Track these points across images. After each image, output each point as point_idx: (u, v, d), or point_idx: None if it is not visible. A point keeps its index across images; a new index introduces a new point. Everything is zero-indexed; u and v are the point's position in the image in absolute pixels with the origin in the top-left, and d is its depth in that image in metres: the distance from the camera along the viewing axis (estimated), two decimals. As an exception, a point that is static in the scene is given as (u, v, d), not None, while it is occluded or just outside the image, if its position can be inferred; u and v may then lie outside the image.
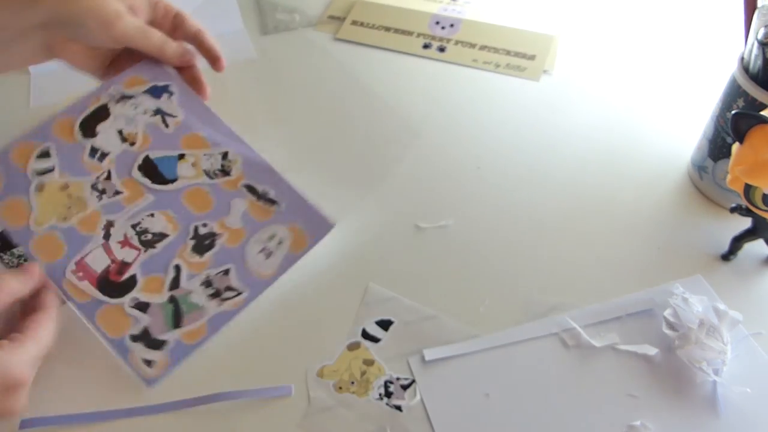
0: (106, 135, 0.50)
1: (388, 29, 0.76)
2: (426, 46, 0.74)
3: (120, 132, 0.50)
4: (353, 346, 0.46)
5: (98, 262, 0.46)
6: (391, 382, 0.44)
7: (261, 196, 0.49)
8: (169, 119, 0.51)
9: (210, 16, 0.63)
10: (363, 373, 0.44)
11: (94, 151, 0.49)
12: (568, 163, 0.59)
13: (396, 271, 0.50)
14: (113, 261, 0.46)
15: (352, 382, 0.44)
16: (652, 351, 0.44)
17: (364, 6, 0.79)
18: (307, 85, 0.69)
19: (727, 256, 0.50)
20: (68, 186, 0.48)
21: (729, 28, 0.60)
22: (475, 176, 0.58)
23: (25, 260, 0.49)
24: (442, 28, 0.75)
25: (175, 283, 0.46)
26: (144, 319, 0.44)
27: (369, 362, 0.45)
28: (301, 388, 0.44)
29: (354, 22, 0.77)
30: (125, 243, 0.46)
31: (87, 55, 0.52)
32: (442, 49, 0.73)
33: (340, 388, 0.44)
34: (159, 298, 0.45)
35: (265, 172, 0.50)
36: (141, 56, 0.52)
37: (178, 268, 0.46)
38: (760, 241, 0.49)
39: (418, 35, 0.75)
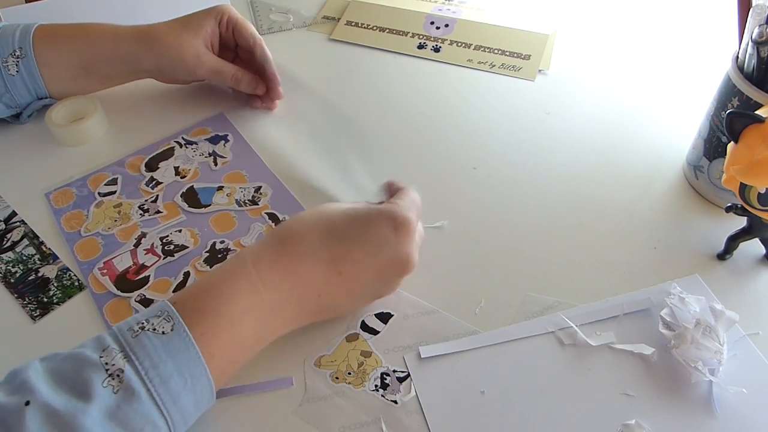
0: (164, 170, 0.59)
1: (382, 29, 0.76)
2: (421, 47, 0.74)
3: (176, 168, 0.59)
4: (352, 338, 0.46)
5: (122, 263, 0.51)
6: (388, 374, 0.44)
7: (279, 223, 0.54)
8: (219, 159, 0.60)
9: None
10: (360, 365, 0.44)
11: (151, 180, 0.58)
12: (563, 162, 0.59)
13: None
14: (135, 264, 0.51)
15: (349, 373, 0.44)
16: (648, 350, 0.44)
17: (358, 6, 0.79)
18: (302, 85, 0.69)
19: (722, 256, 0.50)
20: (121, 204, 0.56)
21: (723, 27, 0.61)
22: (471, 176, 0.58)
23: (13, 265, 0.50)
24: (437, 28, 0.75)
25: (180, 287, 0.49)
26: None
27: (367, 354, 0.45)
28: (299, 377, 0.44)
29: (348, 23, 0.77)
30: (150, 250, 0.52)
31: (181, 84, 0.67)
32: (436, 49, 0.73)
33: (337, 378, 0.44)
34: (162, 297, 0.48)
35: (289, 203, 0.55)
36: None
37: (187, 274, 0.50)
38: (756, 241, 0.49)
39: (413, 35, 0.75)
